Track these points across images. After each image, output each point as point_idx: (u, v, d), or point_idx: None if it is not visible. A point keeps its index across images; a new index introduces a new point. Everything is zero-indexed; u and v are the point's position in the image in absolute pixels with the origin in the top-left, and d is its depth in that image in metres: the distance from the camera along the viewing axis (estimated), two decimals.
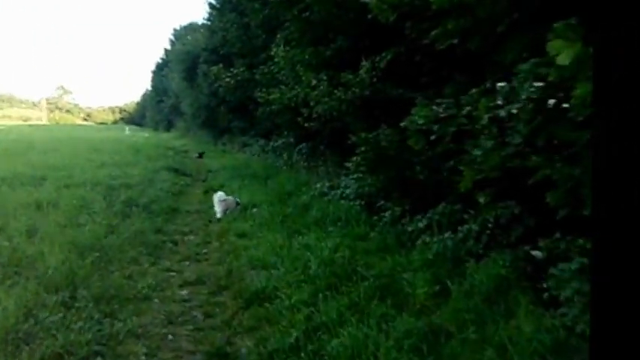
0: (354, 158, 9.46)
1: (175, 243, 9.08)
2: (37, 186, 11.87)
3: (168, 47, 58.66)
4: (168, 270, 7.61)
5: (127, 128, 60.51)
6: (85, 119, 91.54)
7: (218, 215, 11.05)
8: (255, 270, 7.55)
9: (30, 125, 49.34)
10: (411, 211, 9.08)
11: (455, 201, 8.06)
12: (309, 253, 7.84)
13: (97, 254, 7.22)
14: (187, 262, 8.12)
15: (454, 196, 8.03)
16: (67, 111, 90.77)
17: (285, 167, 18.72)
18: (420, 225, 8.36)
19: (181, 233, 9.78)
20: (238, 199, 11.75)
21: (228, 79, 17.06)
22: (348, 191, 11.24)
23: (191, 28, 50.85)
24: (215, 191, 15.35)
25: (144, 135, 45.47)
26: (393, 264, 7.25)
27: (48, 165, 15.11)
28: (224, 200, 11.31)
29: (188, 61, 38.33)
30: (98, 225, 8.60)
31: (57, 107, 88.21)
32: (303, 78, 10.87)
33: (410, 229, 8.51)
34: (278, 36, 14.59)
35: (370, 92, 10.90)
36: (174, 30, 57.72)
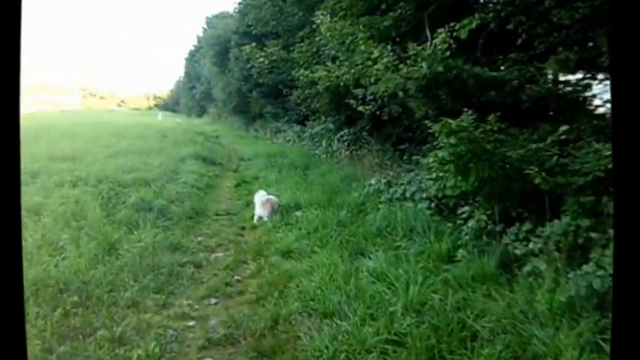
0: (436, 152, 6.58)
1: (198, 265, 6.32)
2: (23, 185, 9.18)
3: (201, 35, 56.12)
4: (184, 317, 4.87)
5: (159, 114, 58.12)
6: (119, 105, 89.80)
7: (264, 218, 8.29)
8: (313, 318, 4.80)
9: (62, 111, 47.16)
10: (506, 220, 6.35)
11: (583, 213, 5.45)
12: (385, 289, 5.13)
13: (75, 299, 4.51)
14: (213, 301, 5.36)
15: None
16: (101, 97, 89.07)
17: (324, 156, 15.88)
18: (535, 245, 5.60)
19: (206, 249, 7.02)
20: (279, 199, 8.95)
21: (262, 60, 14.31)
22: (412, 189, 8.37)
23: (222, 15, 48.32)
24: (246, 183, 12.77)
25: (175, 120, 42.89)
26: (509, 308, 4.65)
27: (51, 155, 12.39)
28: (268, 200, 8.52)
29: (219, 46, 35.54)
30: (85, 247, 5.86)
31: (90, 94, 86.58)
32: (363, 47, 7.93)
33: (517, 251, 5.78)
34: (320, 9, 11.66)
35: (443, 68, 8.01)
36: (207, 18, 55.07)
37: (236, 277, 6.01)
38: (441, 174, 6.82)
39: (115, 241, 6.35)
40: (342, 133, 15.99)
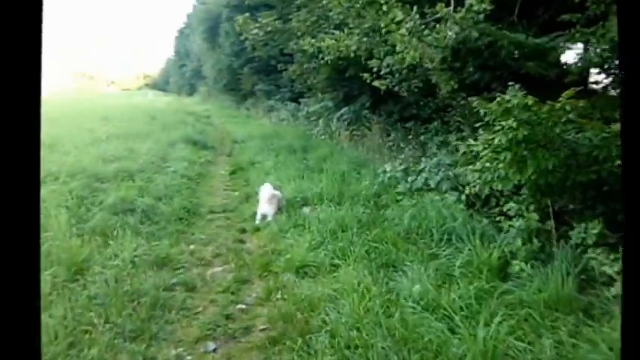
0: (487, 138, 5.08)
1: (191, 287, 4.80)
2: None
3: (191, 11, 53.38)
4: None
5: (149, 93, 55.70)
6: (109, 85, 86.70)
7: (269, 218, 6.76)
8: None
9: (48, 94, 44.90)
10: (561, 219, 5.02)
11: None
12: (441, 325, 3.68)
13: None
14: (211, 346, 3.87)
15: None
16: (91, 78, 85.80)
17: (323, 137, 14.28)
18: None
19: (201, 262, 5.47)
20: (281, 192, 7.41)
21: (255, 31, 12.56)
22: (436, 178, 6.88)
23: None
24: (242, 170, 11.17)
25: (165, 100, 40.73)
26: None
27: None
28: (274, 196, 6.96)
29: (209, 21, 33.21)
30: (41, 276, 4.28)
31: (79, 74, 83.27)
32: (385, 8, 6.30)
33: (601, 267, 4.37)
34: None
35: (478, 34, 6.50)
36: None
37: (239, 306, 4.49)
38: (487, 164, 5.30)
39: (83, 261, 4.79)
40: (341, 111, 14.40)
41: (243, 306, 4.50)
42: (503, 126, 4.80)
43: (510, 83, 5.27)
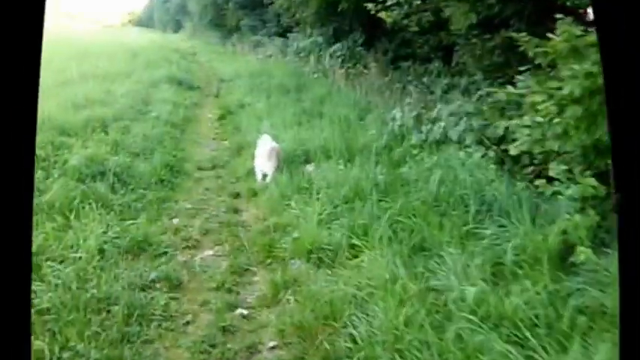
0: (549, 86, 3.75)
1: (175, 284, 3.56)
2: None
3: None
4: None
5: (133, 30, 52.17)
6: (92, 24, 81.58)
7: (268, 177, 5.44)
8: None
9: None
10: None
11: None
12: (511, 348, 2.48)
13: None
14: None
15: None
16: (72, 17, 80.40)
17: (317, 75, 12.70)
18: None
19: (187, 244, 4.19)
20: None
21: None
22: (457, 129, 5.56)
23: None
24: (231, 114, 9.67)
25: (149, 36, 37.71)
26: None
27: None
28: (274, 149, 5.60)
29: None
30: None
31: (60, 12, 77.87)
32: None
33: None
34: None
35: None
36: None
37: (239, 311, 3.29)
38: (539, 119, 3.98)
39: (33, 255, 3.48)
40: (333, 48, 12.78)
41: (244, 311, 3.29)
42: (574, 71, 3.47)
43: (559, 16, 3.88)
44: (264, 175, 5.44)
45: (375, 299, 3.15)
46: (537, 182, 4.33)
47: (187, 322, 3.18)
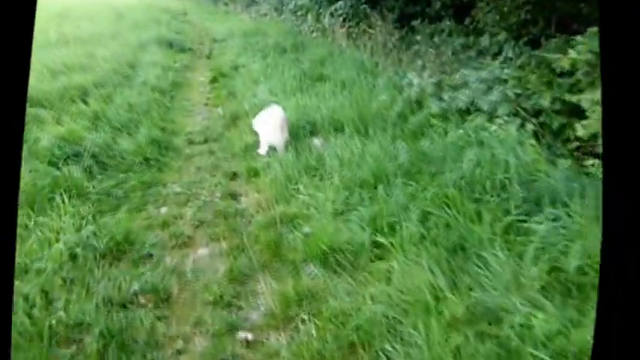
0: None
1: (164, 298, 2.84)
2: None
3: None
4: None
5: None
6: None
7: (278, 151, 4.70)
8: None
9: None
10: None
11: None
12: None
13: None
14: None
15: None
16: None
17: (315, 35, 11.70)
18: None
19: (177, 242, 3.42)
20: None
21: None
22: (489, 99, 4.75)
23: None
24: (225, 77, 8.74)
25: None
26: None
27: None
28: (285, 120, 4.80)
29: None
30: None
31: None
32: None
33: None
34: None
35: None
36: None
37: (242, 335, 2.60)
38: None
39: None
40: (335, 6, 11.70)
41: (248, 335, 2.59)
42: None
43: None
44: (270, 150, 4.68)
45: (411, 320, 2.46)
46: (589, 162, 3.63)
47: (178, 352, 2.49)
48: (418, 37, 8.31)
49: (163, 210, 3.82)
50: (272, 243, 3.27)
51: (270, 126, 4.68)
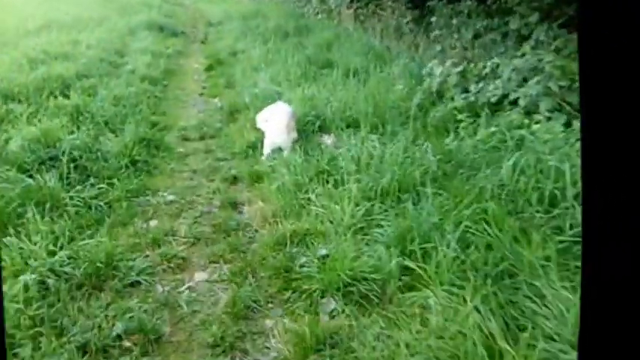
0: None
1: (154, 339, 2.41)
2: None
3: None
4: None
5: None
6: None
7: (284, 151, 4.26)
8: None
9: None
10: None
11: None
12: None
13: None
14: None
15: None
16: None
17: (319, 16, 11.21)
18: None
19: (168, 266, 2.98)
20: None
21: None
22: (528, 91, 4.28)
23: None
24: (222, 65, 8.26)
25: None
26: None
27: None
28: (292, 118, 4.34)
29: None
30: None
31: None
32: None
33: None
34: None
35: None
36: None
37: None
38: None
39: None
40: None
41: None
42: None
43: None
44: (275, 151, 4.24)
45: None
46: None
47: None
48: (434, 19, 7.81)
49: (153, 224, 3.39)
50: (281, 268, 2.84)
51: (275, 125, 4.22)
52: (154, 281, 2.84)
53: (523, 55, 4.63)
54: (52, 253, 2.79)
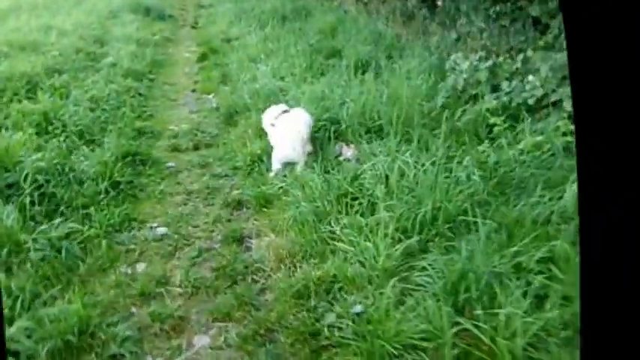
0: None
1: None
2: None
3: None
4: None
5: None
6: None
7: (298, 166, 3.69)
8: None
9: None
10: None
11: None
12: None
13: None
14: None
15: None
16: None
17: None
18: None
19: (160, 331, 2.45)
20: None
21: None
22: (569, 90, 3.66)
23: None
24: (216, 53, 7.63)
25: None
26: None
27: None
28: (307, 127, 3.73)
29: None
30: None
31: None
32: None
33: None
34: None
35: None
36: None
37: None
38: None
39: None
40: None
41: None
42: None
43: None
44: (285, 166, 3.69)
45: None
46: None
47: None
48: (440, 2, 7.20)
49: (140, 268, 2.83)
50: (306, 333, 2.31)
51: (288, 136, 3.65)
52: (143, 352, 2.31)
53: (551, 47, 4.07)
54: (8, 322, 2.24)
